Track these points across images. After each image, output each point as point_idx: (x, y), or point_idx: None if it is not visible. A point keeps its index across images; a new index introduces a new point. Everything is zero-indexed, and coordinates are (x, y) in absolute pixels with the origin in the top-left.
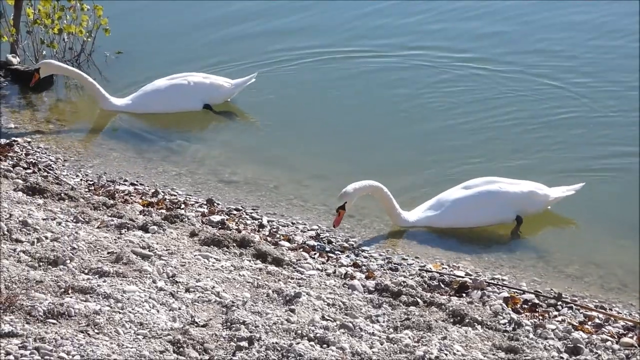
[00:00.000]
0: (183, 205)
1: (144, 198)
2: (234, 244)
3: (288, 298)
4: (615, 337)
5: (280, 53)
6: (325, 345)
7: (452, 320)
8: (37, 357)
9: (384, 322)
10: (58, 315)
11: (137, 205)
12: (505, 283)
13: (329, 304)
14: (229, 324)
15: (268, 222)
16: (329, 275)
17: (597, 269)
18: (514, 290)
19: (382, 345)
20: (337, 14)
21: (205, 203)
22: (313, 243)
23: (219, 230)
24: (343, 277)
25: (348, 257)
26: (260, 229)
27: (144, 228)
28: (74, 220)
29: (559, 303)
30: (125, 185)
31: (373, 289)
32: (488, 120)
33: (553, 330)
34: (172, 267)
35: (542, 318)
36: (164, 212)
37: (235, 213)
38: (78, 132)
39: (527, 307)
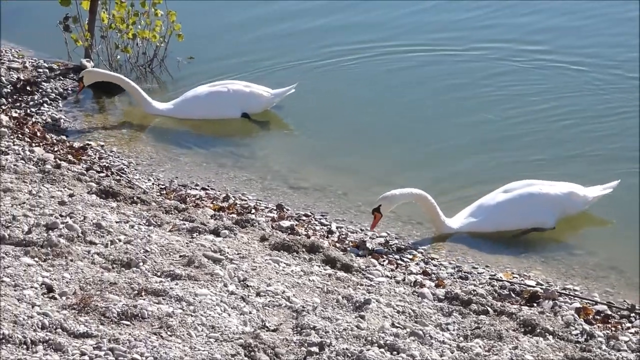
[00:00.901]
0: (253, 210)
1: (215, 203)
2: (304, 249)
3: (358, 304)
4: None
5: (335, 49)
6: (396, 353)
7: (523, 330)
8: (111, 357)
9: (454, 330)
10: (131, 317)
11: (208, 210)
12: (577, 293)
13: (399, 312)
14: (300, 329)
15: (337, 228)
16: (399, 283)
17: None
18: (586, 301)
19: (452, 354)
20: (387, 12)
21: (275, 208)
22: (382, 250)
23: (289, 236)
24: (412, 284)
25: (417, 264)
26: (329, 235)
27: (216, 232)
28: (147, 224)
29: (632, 315)
30: (197, 190)
31: (443, 297)
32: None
33: (626, 342)
34: (243, 271)
35: (614, 330)
36: (235, 216)
37: (305, 219)
38: (150, 136)
39: (599, 318)
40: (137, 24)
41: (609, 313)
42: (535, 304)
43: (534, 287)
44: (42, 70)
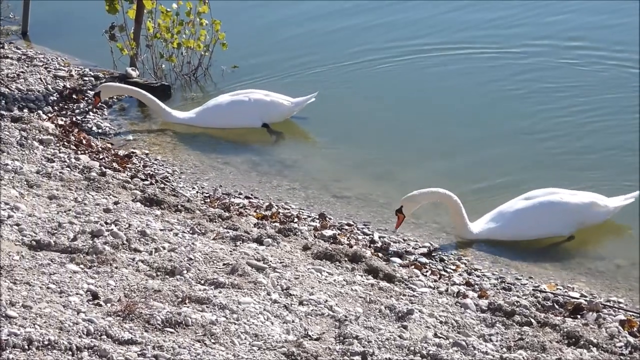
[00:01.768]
0: (296, 219)
1: (258, 211)
2: (346, 259)
3: (400, 314)
4: None
5: (367, 50)
6: None
7: (566, 342)
8: None
9: (497, 341)
10: (176, 324)
11: (251, 218)
12: (622, 305)
13: (442, 322)
14: (342, 338)
15: (379, 237)
16: (441, 293)
17: None
18: (631, 313)
19: None
20: (418, 12)
21: (318, 217)
22: (425, 260)
23: (331, 245)
24: (455, 295)
25: (460, 275)
26: (372, 245)
27: (259, 240)
28: (191, 232)
29: None
30: (240, 199)
31: (486, 308)
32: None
33: None
34: (286, 279)
35: None
36: (278, 225)
37: (347, 228)
38: (194, 145)
39: None
40: (182, 33)
41: None
42: (579, 316)
43: (578, 298)
44: (87, 79)
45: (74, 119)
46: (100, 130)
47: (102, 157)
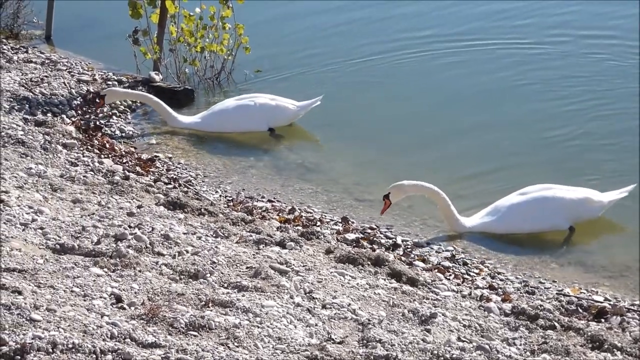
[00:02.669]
0: (319, 223)
1: (281, 215)
2: (369, 263)
3: (424, 318)
4: None
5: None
6: None
7: (590, 346)
8: None
9: (521, 345)
10: (199, 328)
11: (274, 222)
12: None
13: (465, 326)
14: (366, 342)
15: (402, 241)
16: (465, 297)
17: None
18: None
19: None
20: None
21: (340, 221)
22: (448, 264)
23: (354, 248)
24: (479, 299)
25: (484, 279)
26: (395, 249)
27: (282, 244)
28: (214, 235)
29: None
30: (263, 202)
31: (509, 312)
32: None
33: None
34: (309, 283)
35: None
36: (301, 228)
37: (370, 232)
38: (216, 149)
39: None
40: (205, 37)
41: None
42: (603, 320)
43: (602, 302)
44: (111, 83)
45: (98, 123)
46: (124, 134)
47: (125, 160)
